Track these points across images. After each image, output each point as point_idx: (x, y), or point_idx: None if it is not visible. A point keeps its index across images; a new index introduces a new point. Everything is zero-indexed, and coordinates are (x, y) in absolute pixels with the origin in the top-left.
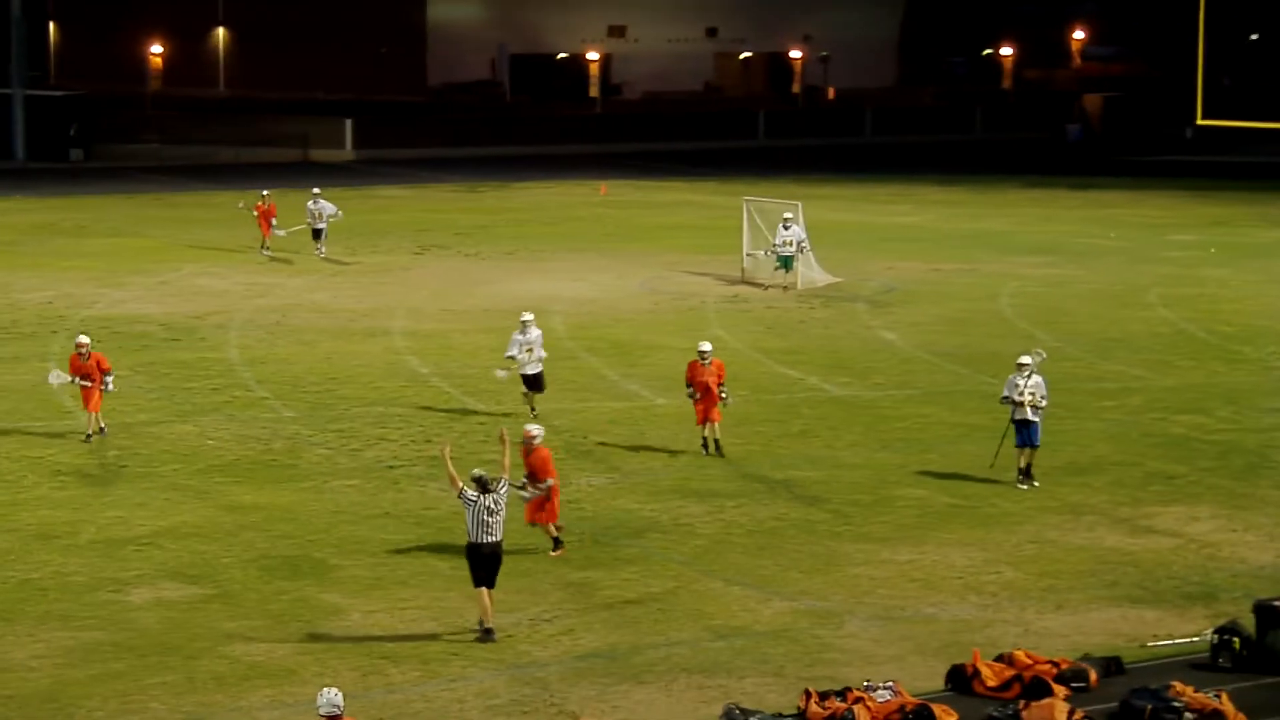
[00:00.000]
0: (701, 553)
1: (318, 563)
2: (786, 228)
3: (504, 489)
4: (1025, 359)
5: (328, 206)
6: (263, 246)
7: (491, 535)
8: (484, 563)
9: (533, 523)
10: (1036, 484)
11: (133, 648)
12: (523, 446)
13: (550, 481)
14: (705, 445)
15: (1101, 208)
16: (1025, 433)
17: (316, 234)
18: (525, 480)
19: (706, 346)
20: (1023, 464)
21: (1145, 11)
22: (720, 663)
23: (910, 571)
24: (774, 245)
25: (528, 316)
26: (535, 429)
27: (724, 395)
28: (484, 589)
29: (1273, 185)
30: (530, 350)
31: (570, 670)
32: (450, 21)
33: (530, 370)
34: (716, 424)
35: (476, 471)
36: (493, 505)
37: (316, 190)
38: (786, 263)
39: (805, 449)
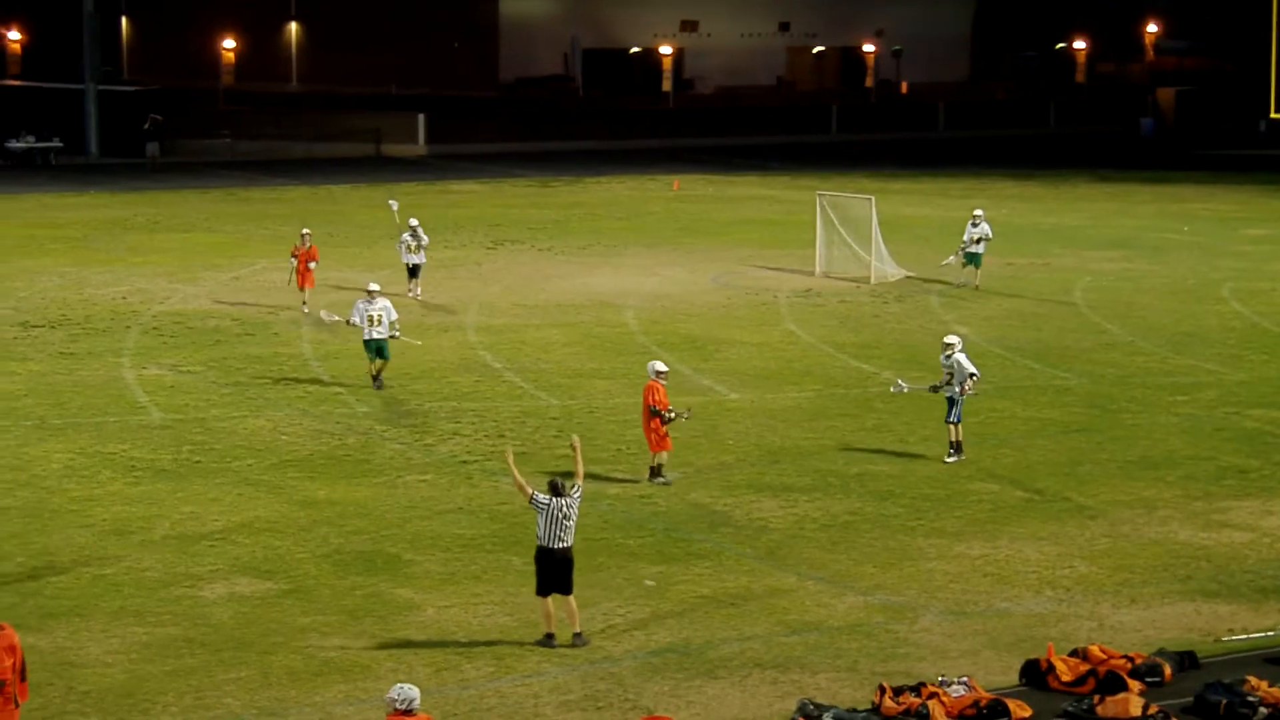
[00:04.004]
0: (775, 547)
1: (391, 558)
2: (975, 225)
3: (577, 494)
4: (949, 339)
5: (426, 239)
6: (304, 303)
7: (564, 540)
8: (555, 568)
9: None
10: (963, 457)
11: (207, 643)
12: None
13: None
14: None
15: (1175, 202)
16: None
17: (412, 271)
18: None
19: (664, 366)
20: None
21: (1218, 5)
22: (794, 657)
23: (984, 566)
24: (964, 243)
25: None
26: None
27: (671, 415)
28: (551, 597)
29: None
30: None
31: (644, 665)
32: (523, 16)
33: None
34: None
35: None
36: (565, 509)
37: (415, 222)
38: (975, 260)
39: (879, 443)
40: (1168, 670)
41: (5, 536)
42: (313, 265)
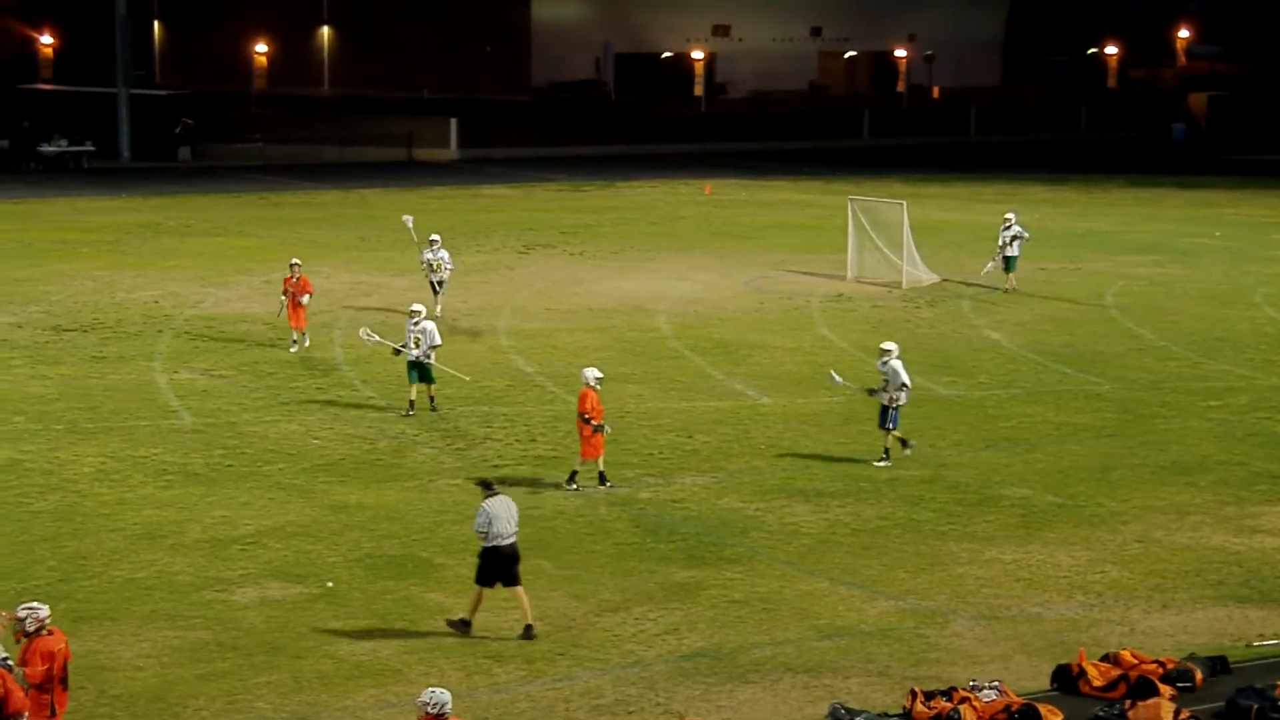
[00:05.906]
0: (807, 552)
1: (423, 562)
2: (1007, 228)
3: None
4: (886, 345)
5: (447, 257)
6: (293, 341)
7: (511, 536)
8: (503, 562)
9: None
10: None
11: (238, 647)
12: None
13: None
14: (603, 478)
15: (1206, 207)
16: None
17: (435, 287)
18: None
19: (600, 374)
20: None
21: (1250, 9)
22: (826, 662)
23: (1015, 571)
24: (1000, 246)
25: None
26: None
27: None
28: (494, 586)
29: None
30: None
31: (675, 669)
32: (555, 20)
33: None
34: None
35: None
36: (506, 505)
37: (435, 237)
38: (1010, 263)
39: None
40: (1199, 675)
41: (37, 540)
42: (305, 300)
